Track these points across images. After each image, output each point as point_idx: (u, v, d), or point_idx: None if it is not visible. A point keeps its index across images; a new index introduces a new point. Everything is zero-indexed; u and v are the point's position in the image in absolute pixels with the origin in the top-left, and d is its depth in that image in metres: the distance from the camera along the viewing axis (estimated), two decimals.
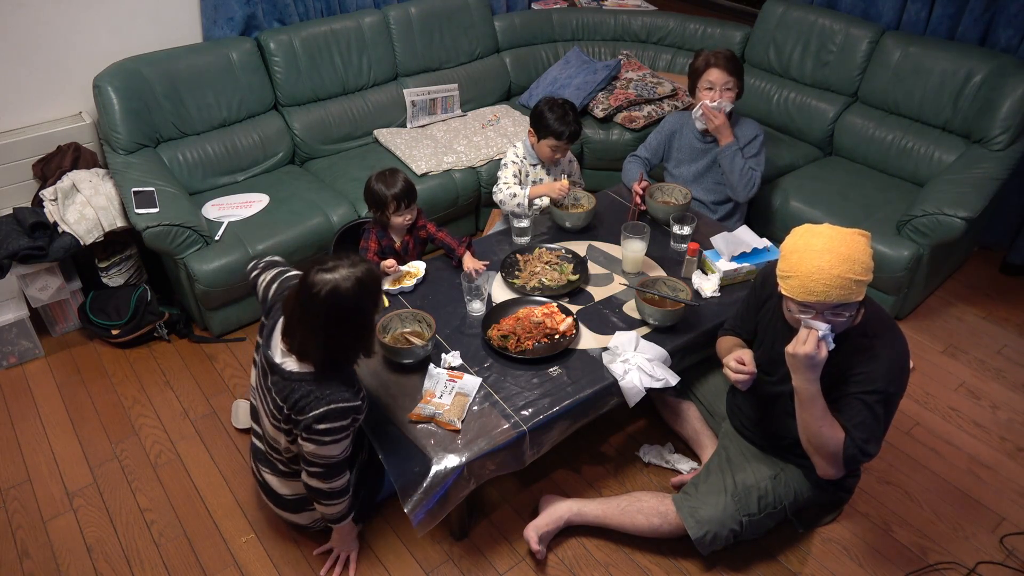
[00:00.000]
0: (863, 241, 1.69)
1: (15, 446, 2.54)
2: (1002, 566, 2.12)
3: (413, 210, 2.48)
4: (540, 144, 2.73)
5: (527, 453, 1.98)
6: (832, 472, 1.85)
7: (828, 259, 1.63)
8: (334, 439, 1.78)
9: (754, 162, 2.83)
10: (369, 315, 1.78)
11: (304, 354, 1.76)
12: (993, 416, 2.62)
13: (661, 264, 2.54)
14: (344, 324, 1.72)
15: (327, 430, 1.75)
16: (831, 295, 1.64)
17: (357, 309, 1.72)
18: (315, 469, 1.84)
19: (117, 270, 2.98)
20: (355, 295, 1.68)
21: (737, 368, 1.91)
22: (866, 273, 1.66)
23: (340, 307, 1.68)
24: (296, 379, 1.77)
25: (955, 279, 3.32)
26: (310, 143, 3.42)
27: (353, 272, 1.69)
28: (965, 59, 3.09)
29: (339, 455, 1.83)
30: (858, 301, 1.68)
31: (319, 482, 1.86)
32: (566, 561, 2.13)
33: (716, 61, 2.76)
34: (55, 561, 2.16)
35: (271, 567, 2.13)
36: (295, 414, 1.76)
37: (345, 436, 1.81)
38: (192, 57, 3.12)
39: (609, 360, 2.12)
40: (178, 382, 2.79)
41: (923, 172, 3.20)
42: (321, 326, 1.69)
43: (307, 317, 1.70)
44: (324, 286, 1.66)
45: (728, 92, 2.77)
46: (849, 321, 1.72)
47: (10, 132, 3.00)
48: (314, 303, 1.67)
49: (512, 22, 4.00)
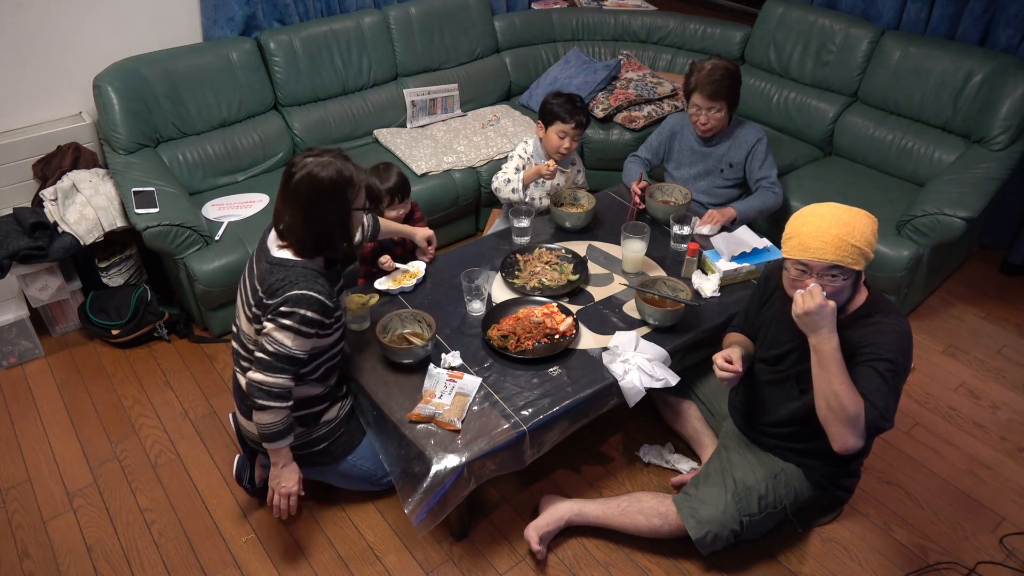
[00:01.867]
0: (867, 219, 1.75)
1: (15, 446, 2.54)
2: (1002, 566, 2.12)
3: (407, 204, 2.52)
4: (548, 133, 2.73)
5: (527, 453, 1.98)
6: (852, 442, 1.77)
7: (828, 220, 1.73)
8: (295, 326, 1.80)
9: (765, 172, 2.79)
10: (345, 201, 1.85)
11: (289, 232, 1.85)
12: (993, 416, 2.62)
13: (661, 264, 2.54)
14: (322, 204, 1.81)
15: (290, 313, 1.79)
16: (827, 252, 1.71)
17: (332, 192, 1.81)
18: (262, 356, 1.82)
19: (117, 270, 2.98)
20: (330, 180, 1.80)
21: (723, 366, 1.95)
22: (865, 243, 1.72)
23: (316, 187, 1.79)
24: (279, 263, 1.85)
25: (955, 279, 3.32)
26: (310, 143, 3.41)
27: (333, 162, 1.82)
28: (965, 59, 3.09)
29: (292, 348, 1.82)
30: (854, 270, 1.73)
31: (261, 372, 1.83)
32: (566, 561, 2.13)
33: (699, 86, 2.70)
34: (55, 561, 2.16)
35: (271, 567, 2.13)
36: (267, 297, 1.82)
37: (307, 332, 1.83)
38: (192, 57, 3.12)
39: (609, 360, 2.12)
40: (178, 382, 2.79)
41: (923, 172, 3.20)
42: (301, 203, 1.81)
43: (287, 194, 1.82)
44: (302, 168, 1.80)
45: (715, 114, 2.73)
46: (844, 293, 1.77)
47: (10, 132, 3.00)
48: (293, 182, 1.80)
49: (512, 22, 4.00)
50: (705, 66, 2.71)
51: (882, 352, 1.77)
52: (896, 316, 1.83)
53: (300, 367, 1.90)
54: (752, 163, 2.81)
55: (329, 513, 2.27)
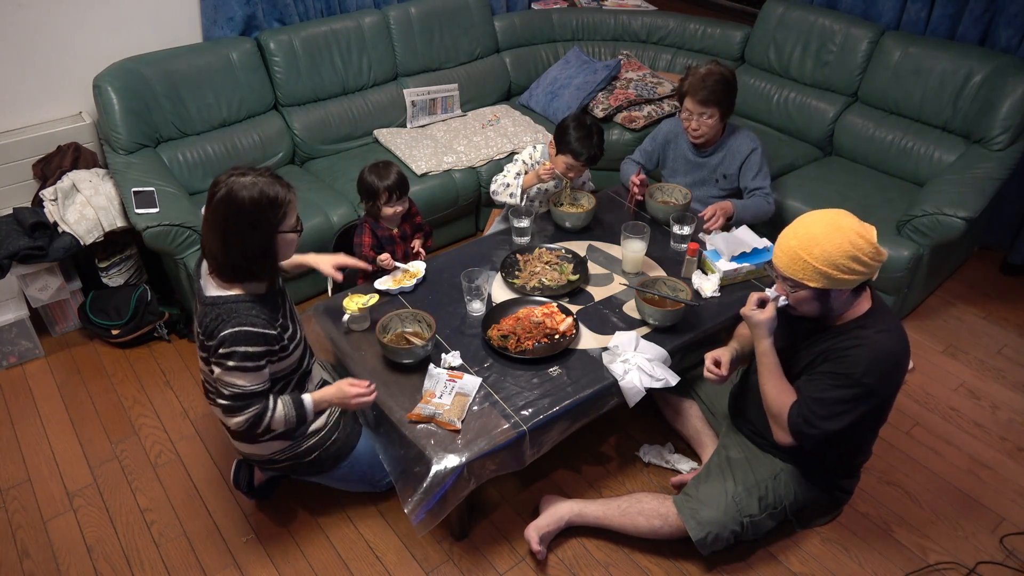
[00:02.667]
0: (844, 239, 1.70)
1: (15, 446, 2.54)
2: (1002, 566, 2.12)
3: (404, 202, 2.52)
4: (557, 158, 2.66)
5: (527, 453, 1.98)
6: (782, 437, 1.91)
7: (797, 230, 1.77)
8: (239, 365, 1.74)
9: (758, 183, 2.75)
10: (268, 224, 1.73)
11: (210, 256, 1.76)
12: (993, 416, 2.62)
13: (661, 264, 2.54)
14: (242, 227, 1.70)
15: (230, 354, 1.73)
16: (781, 262, 1.78)
17: (254, 214, 1.70)
18: (223, 401, 1.80)
19: (117, 270, 2.98)
20: (252, 200, 1.68)
21: (710, 368, 2.01)
22: (824, 263, 1.70)
23: (235, 209, 1.68)
24: (211, 303, 1.77)
25: (955, 279, 3.32)
26: (310, 143, 3.42)
27: (256, 182, 1.69)
28: (965, 59, 3.08)
29: (247, 386, 1.78)
30: (811, 287, 1.74)
31: (231, 416, 1.80)
32: (566, 561, 2.13)
33: (692, 90, 2.65)
34: (55, 561, 2.16)
35: (271, 567, 2.13)
36: (207, 339, 1.75)
37: (254, 366, 1.76)
38: (192, 57, 3.12)
39: (609, 360, 2.12)
40: (178, 382, 2.79)
41: (923, 172, 3.20)
42: (219, 225, 1.70)
43: (208, 215, 1.72)
44: (223, 187, 1.69)
45: (707, 120, 2.68)
46: (809, 304, 1.80)
47: (10, 132, 3.00)
48: (213, 202, 1.70)
49: (512, 22, 4.00)
50: (699, 70, 2.65)
51: (846, 367, 1.78)
52: (888, 335, 1.80)
53: (265, 395, 1.85)
54: (746, 174, 2.78)
55: (329, 513, 2.27)
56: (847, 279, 1.72)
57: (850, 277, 1.72)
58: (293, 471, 2.11)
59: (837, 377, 1.79)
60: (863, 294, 1.84)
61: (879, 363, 1.77)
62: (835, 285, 1.73)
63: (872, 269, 1.73)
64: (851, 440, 1.97)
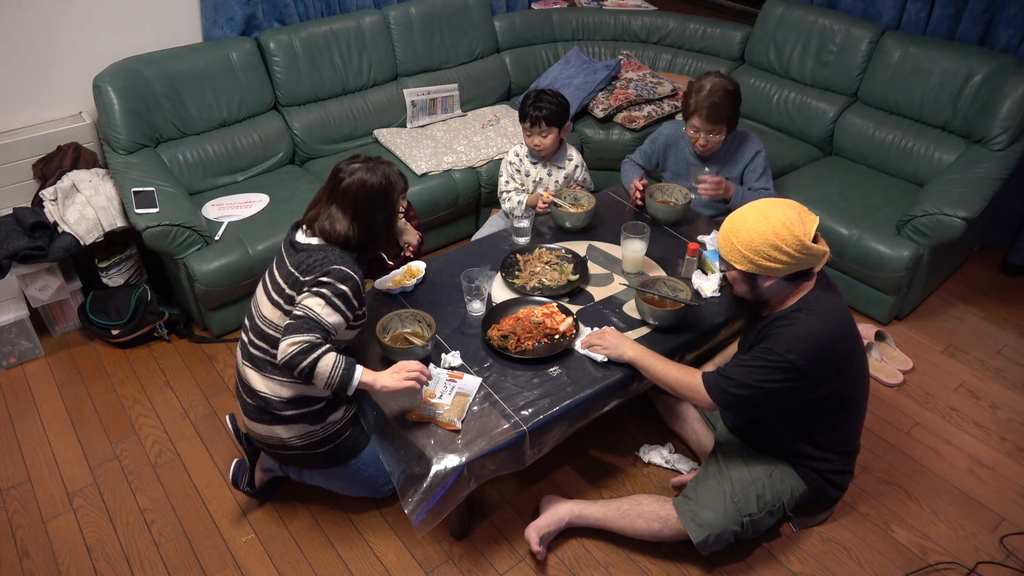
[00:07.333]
0: (772, 230, 1.76)
1: (15, 446, 2.54)
2: (1002, 566, 2.12)
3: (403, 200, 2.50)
4: (527, 140, 2.76)
5: (527, 453, 1.98)
6: (708, 404, 1.93)
7: (733, 216, 1.86)
8: (328, 295, 1.87)
9: (762, 184, 2.76)
10: (392, 204, 2.02)
11: (334, 232, 1.95)
12: (993, 416, 2.62)
13: (661, 264, 2.54)
14: (372, 207, 1.97)
15: (327, 283, 1.87)
16: (718, 242, 1.89)
17: (383, 195, 1.97)
18: (289, 321, 1.86)
19: (117, 270, 2.98)
20: (380, 184, 1.96)
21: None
22: (748, 248, 1.79)
23: (368, 191, 1.95)
24: (318, 247, 1.95)
25: (955, 279, 3.32)
26: (310, 143, 3.42)
27: (380, 167, 1.99)
28: (965, 59, 3.09)
29: (323, 317, 1.86)
30: (738, 269, 1.84)
31: (284, 335, 1.83)
32: (566, 561, 2.13)
33: (699, 109, 2.60)
34: (55, 561, 2.16)
35: (271, 567, 2.13)
36: (303, 274, 1.90)
37: (338, 305, 1.88)
38: (192, 57, 3.12)
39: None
40: (178, 382, 2.79)
41: (923, 172, 3.20)
42: (350, 207, 1.95)
43: (336, 197, 1.95)
44: (351, 173, 1.95)
45: (715, 137, 2.66)
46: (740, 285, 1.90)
47: (10, 132, 3.00)
48: (342, 186, 1.94)
49: (512, 22, 4.00)
50: (704, 86, 2.58)
51: (772, 343, 1.83)
52: (819, 317, 1.82)
53: (328, 339, 1.86)
54: (749, 176, 2.79)
55: (329, 513, 2.27)
56: (771, 266, 1.79)
57: (773, 264, 1.78)
58: (301, 462, 2.10)
59: (763, 351, 1.85)
60: (804, 283, 1.87)
61: (803, 342, 1.80)
62: (760, 271, 1.81)
63: (800, 260, 1.78)
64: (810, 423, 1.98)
